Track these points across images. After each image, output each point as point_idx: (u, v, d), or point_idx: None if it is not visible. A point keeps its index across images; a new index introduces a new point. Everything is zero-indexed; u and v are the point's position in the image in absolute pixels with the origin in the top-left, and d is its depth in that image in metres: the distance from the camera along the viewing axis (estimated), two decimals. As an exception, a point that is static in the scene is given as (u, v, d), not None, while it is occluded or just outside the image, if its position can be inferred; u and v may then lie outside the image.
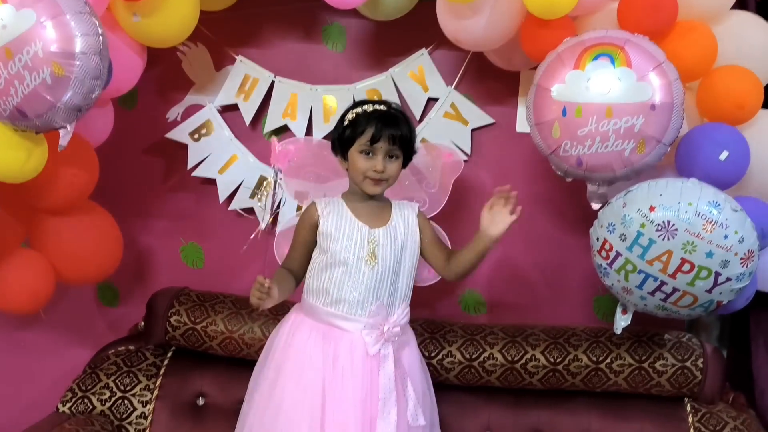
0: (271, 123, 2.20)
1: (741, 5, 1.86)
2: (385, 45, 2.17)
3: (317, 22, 2.20)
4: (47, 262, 1.94)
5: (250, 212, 2.25)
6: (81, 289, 2.34)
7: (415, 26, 2.04)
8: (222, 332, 2.04)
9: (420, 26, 2.01)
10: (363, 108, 1.71)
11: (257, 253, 2.24)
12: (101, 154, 1.98)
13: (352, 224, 1.70)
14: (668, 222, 1.59)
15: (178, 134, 2.23)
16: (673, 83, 1.62)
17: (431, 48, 2.14)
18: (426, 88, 2.16)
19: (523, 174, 2.17)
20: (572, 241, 2.16)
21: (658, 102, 1.61)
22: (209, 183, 2.26)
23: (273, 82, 2.19)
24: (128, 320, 2.27)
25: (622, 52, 1.63)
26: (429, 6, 1.88)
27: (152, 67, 2.12)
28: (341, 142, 1.73)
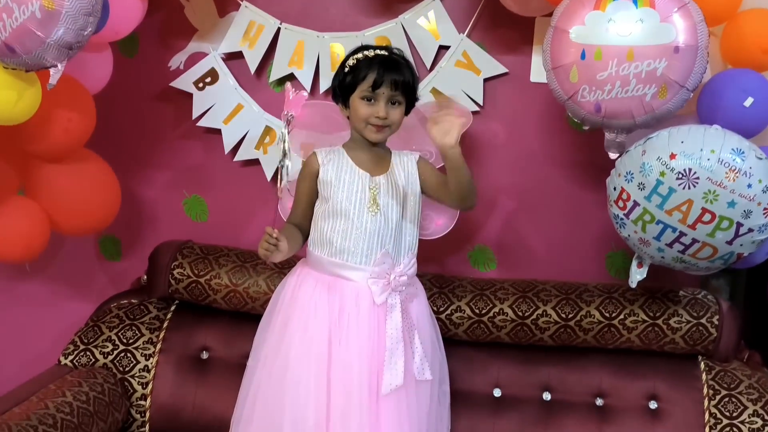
0: (277, 71, 2.14)
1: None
2: (395, -10, 2.10)
3: (324, -33, 2.13)
4: (42, 211, 1.90)
5: (255, 164, 2.19)
6: (83, 243, 2.31)
7: (427, -30, 1.97)
8: (226, 285, 2.01)
9: (431, -30, 1.94)
10: (364, 53, 1.66)
11: (262, 207, 2.20)
12: (101, 104, 1.93)
13: (353, 172, 1.67)
14: (689, 170, 1.53)
15: (183, 83, 2.17)
16: (698, 25, 1.56)
17: (443, -7, 2.07)
18: (437, 36, 2.09)
19: (537, 126, 2.11)
20: (586, 196, 2.10)
21: (682, 44, 1.55)
22: (212, 133, 2.20)
23: (279, 29, 2.12)
24: (131, 274, 2.25)
25: (645, -8, 1.56)
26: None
27: (154, 14, 2.06)
28: (342, 89, 1.68)
